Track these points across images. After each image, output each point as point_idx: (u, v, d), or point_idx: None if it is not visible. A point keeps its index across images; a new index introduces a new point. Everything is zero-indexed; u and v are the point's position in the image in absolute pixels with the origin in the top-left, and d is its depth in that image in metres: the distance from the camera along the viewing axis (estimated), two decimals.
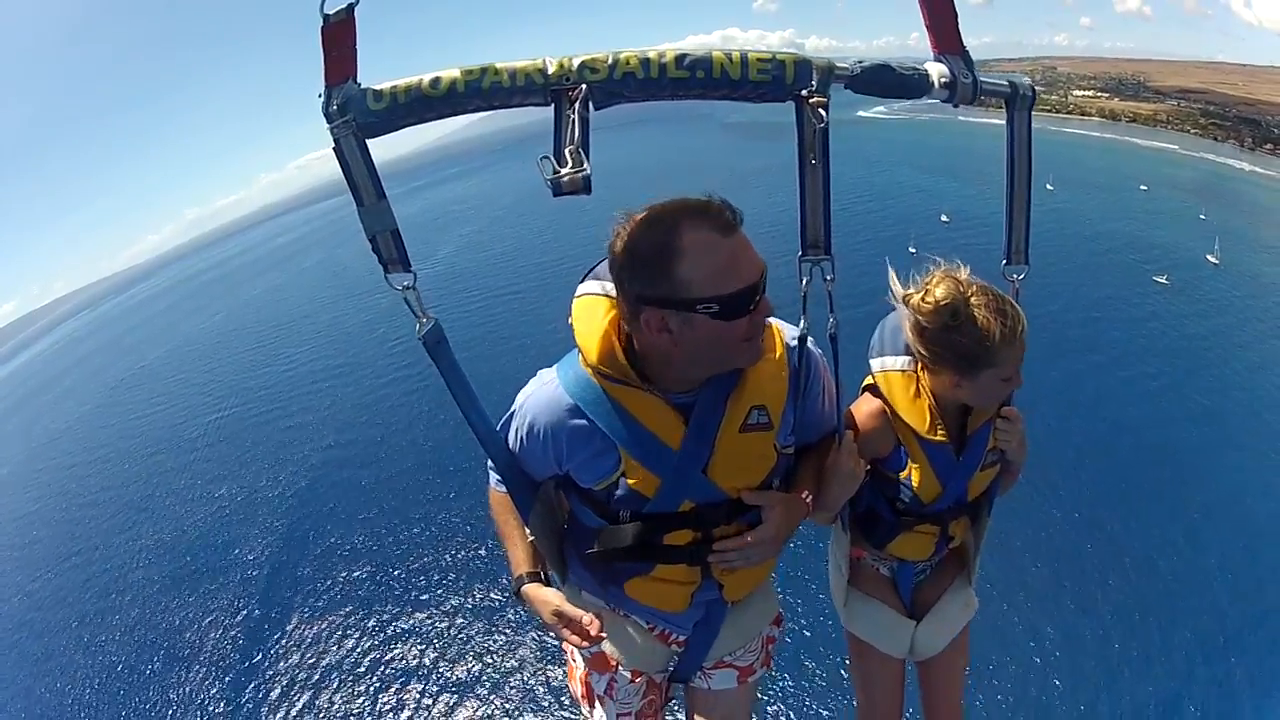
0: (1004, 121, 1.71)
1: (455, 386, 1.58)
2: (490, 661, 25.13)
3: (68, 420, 72.21)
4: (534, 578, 1.77)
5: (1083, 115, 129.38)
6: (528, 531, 1.79)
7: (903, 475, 1.93)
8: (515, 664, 24.77)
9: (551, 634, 1.77)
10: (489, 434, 1.69)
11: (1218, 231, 55.60)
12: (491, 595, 27.70)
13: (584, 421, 1.58)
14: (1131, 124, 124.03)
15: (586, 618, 1.62)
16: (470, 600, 28.09)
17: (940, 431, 1.88)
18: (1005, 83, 1.69)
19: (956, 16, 1.57)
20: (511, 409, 1.72)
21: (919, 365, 1.89)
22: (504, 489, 1.80)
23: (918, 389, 1.89)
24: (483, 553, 29.70)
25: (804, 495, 1.76)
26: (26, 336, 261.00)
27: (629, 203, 1.47)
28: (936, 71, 1.58)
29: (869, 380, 1.97)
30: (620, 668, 1.92)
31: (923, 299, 1.78)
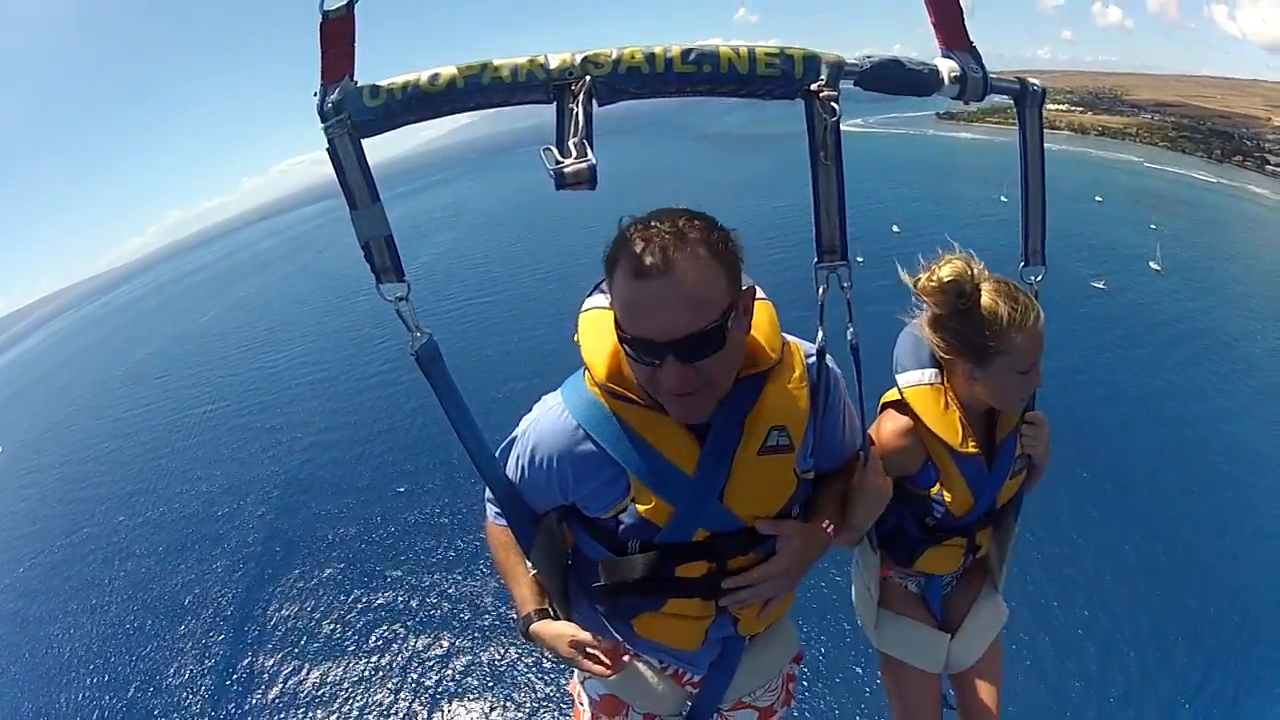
0: (973, 136, 2.11)
1: (450, 407, 1.48)
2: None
3: (57, 418, 71.86)
4: (542, 615, 1.65)
5: (1052, 129, 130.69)
6: (530, 566, 1.67)
7: (933, 491, 1.89)
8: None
9: (567, 667, 1.68)
10: (487, 460, 1.58)
11: (1170, 240, 56.95)
12: (473, 592, 27.73)
13: (591, 446, 1.45)
14: (1100, 137, 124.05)
15: (607, 643, 1.56)
16: (451, 590, 28.49)
17: (972, 443, 1.85)
18: (1015, 80, 1.69)
19: (963, 11, 1.54)
20: (513, 434, 1.60)
21: (944, 375, 1.86)
22: (503, 522, 1.67)
23: (947, 401, 1.85)
24: (459, 544, 30.18)
25: (824, 525, 1.64)
26: (11, 335, 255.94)
27: (605, 212, 1.43)
28: (946, 67, 1.55)
29: (889, 396, 1.92)
30: (631, 710, 1.82)
31: (928, 278, 1.78)
